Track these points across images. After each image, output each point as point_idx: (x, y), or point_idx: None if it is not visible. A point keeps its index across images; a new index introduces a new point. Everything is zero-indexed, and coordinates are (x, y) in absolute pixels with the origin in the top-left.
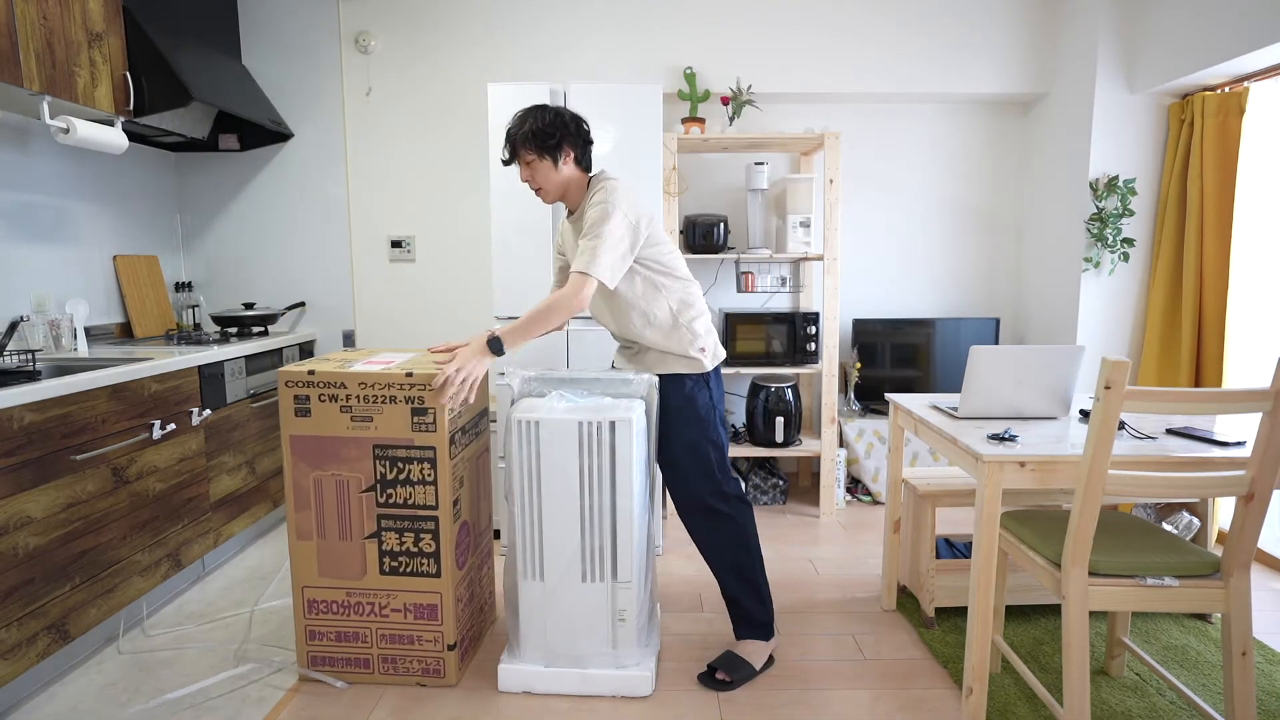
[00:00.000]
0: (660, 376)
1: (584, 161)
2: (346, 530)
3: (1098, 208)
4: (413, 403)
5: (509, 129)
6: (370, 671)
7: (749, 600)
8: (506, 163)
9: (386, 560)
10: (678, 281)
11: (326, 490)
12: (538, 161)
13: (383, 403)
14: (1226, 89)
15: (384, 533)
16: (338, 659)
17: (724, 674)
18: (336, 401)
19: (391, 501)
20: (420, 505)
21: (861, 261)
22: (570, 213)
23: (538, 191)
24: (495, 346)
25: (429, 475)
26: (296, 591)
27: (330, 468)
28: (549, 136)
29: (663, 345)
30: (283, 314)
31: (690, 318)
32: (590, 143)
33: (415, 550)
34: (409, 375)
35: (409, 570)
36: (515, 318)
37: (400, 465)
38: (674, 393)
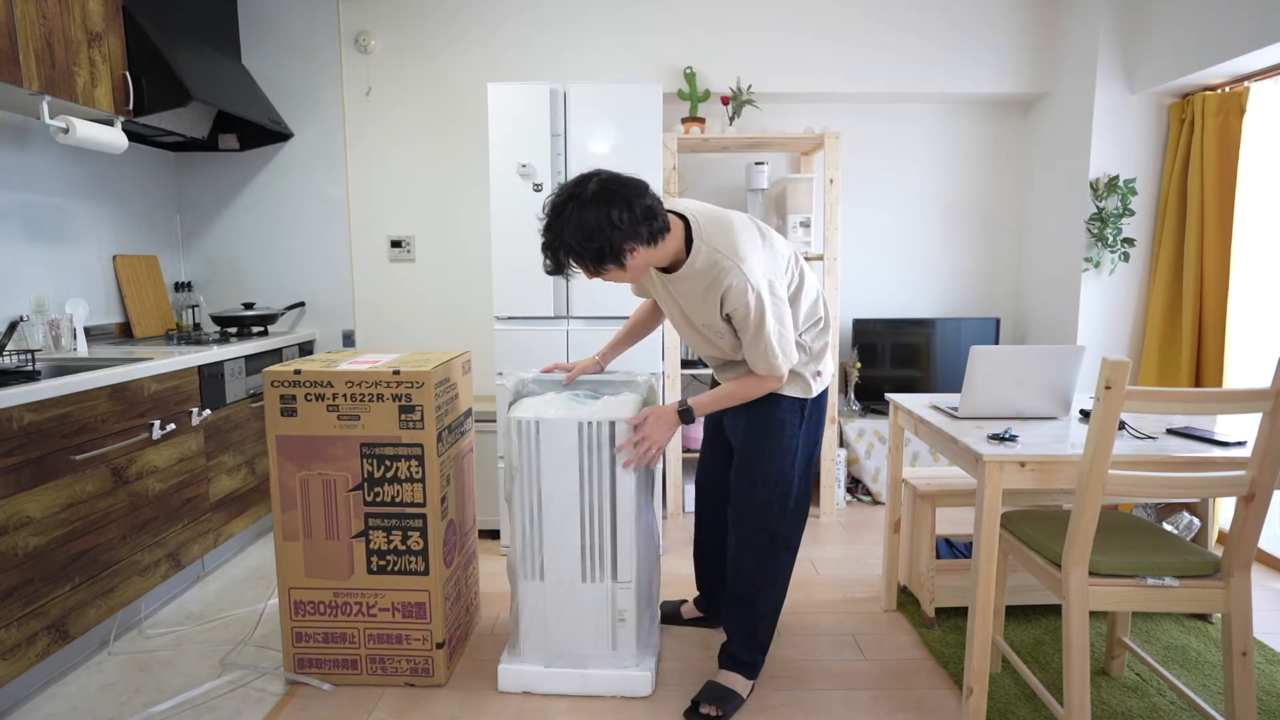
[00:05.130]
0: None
1: (658, 234)
2: (334, 530)
3: (1098, 208)
4: (400, 400)
5: (551, 242)
6: (358, 672)
7: (739, 637)
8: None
9: (374, 559)
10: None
11: (313, 490)
12: (611, 270)
13: (370, 401)
14: (1227, 89)
15: (371, 531)
16: (325, 660)
17: (712, 708)
18: (323, 400)
19: (379, 500)
20: (408, 503)
21: (861, 261)
22: (667, 269)
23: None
24: (686, 416)
25: (417, 473)
26: (283, 593)
27: (317, 467)
28: (602, 255)
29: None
30: (282, 314)
31: (814, 335)
32: (654, 214)
33: (403, 548)
34: (396, 373)
35: (397, 569)
36: (514, 318)
37: (388, 463)
38: (758, 409)
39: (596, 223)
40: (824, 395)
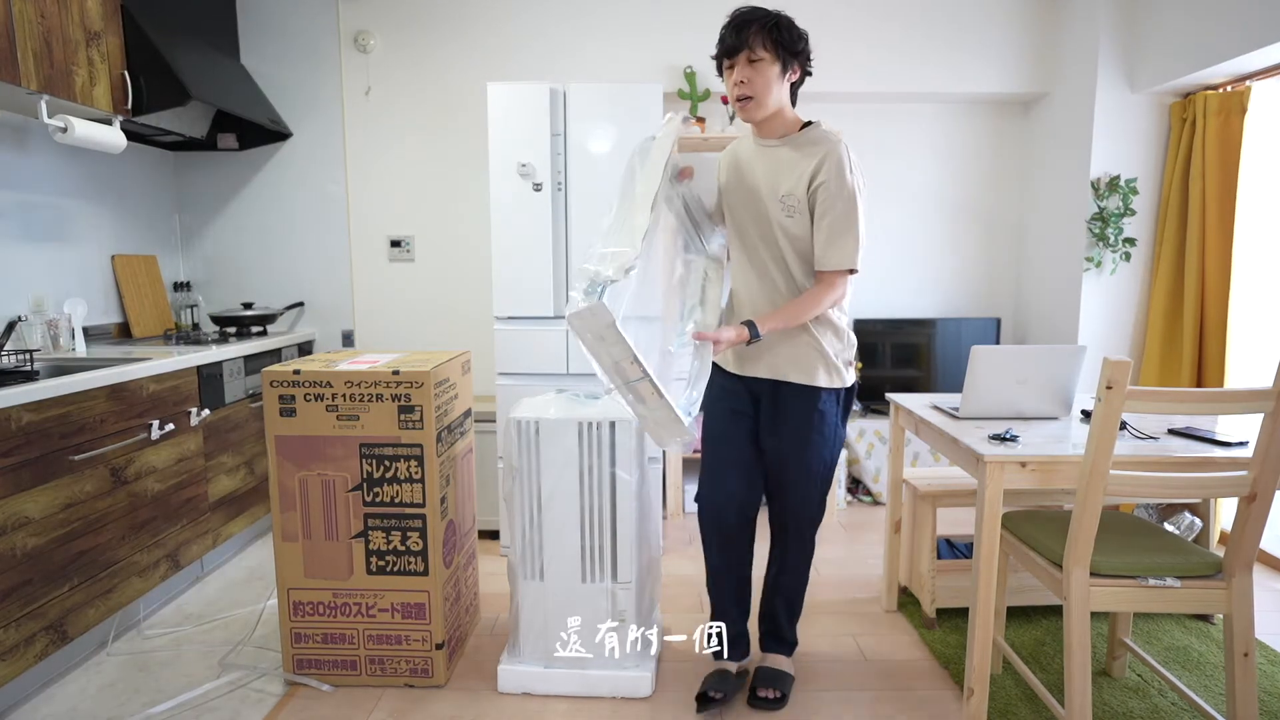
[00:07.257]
0: (786, 383)
1: (800, 83)
2: (333, 530)
3: (1099, 207)
4: (399, 400)
5: (744, 12)
6: (358, 673)
7: (785, 616)
8: (729, 54)
9: (374, 560)
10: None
11: (312, 490)
12: (768, 63)
13: (369, 401)
14: (1228, 88)
15: (371, 532)
16: (325, 661)
17: (771, 691)
18: (322, 401)
19: (378, 500)
20: (407, 503)
21: (862, 261)
22: (762, 136)
23: (744, 100)
24: (753, 331)
25: (416, 473)
26: (282, 594)
27: (316, 467)
28: (794, 39)
29: (817, 342)
30: (281, 314)
31: (849, 319)
32: (810, 75)
33: (403, 549)
34: (395, 373)
35: (396, 569)
36: (514, 318)
37: (387, 463)
38: (798, 409)
39: (800, 30)
40: (854, 387)
